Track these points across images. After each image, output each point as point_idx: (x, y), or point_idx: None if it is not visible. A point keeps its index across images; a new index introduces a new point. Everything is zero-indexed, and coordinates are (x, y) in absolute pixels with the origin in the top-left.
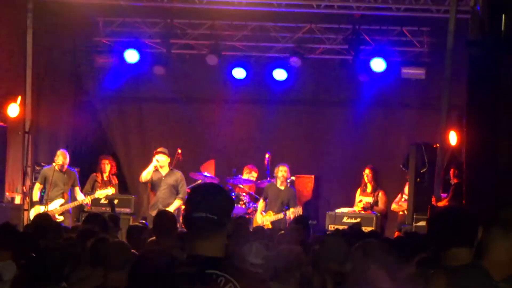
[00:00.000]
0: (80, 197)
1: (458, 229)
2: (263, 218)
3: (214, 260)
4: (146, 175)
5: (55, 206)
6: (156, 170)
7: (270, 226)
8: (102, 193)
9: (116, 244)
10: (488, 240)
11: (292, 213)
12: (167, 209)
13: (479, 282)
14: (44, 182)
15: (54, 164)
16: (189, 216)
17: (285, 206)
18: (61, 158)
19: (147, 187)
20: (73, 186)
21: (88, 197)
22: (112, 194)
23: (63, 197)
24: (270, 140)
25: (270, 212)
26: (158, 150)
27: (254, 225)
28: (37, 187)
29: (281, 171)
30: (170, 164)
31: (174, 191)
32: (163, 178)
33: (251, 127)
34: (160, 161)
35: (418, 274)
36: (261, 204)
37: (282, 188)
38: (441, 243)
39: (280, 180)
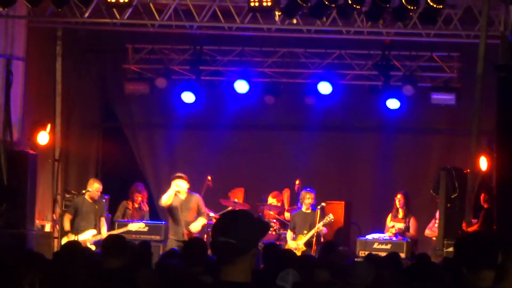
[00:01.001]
0: (104, 229)
1: (490, 252)
2: (296, 242)
3: (237, 286)
4: (167, 199)
5: (87, 236)
6: (175, 195)
7: (304, 248)
8: (134, 226)
9: (144, 272)
10: (508, 263)
11: (324, 224)
12: (195, 224)
13: None
14: (74, 213)
15: (85, 192)
16: (212, 240)
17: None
18: (95, 187)
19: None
20: (100, 216)
21: (120, 229)
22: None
23: (95, 228)
24: (300, 166)
25: (301, 236)
26: (178, 175)
27: None
28: (68, 217)
29: (308, 198)
30: (200, 190)
31: (196, 214)
32: (182, 202)
33: (281, 153)
34: (180, 186)
35: None
36: (289, 234)
37: (309, 211)
38: (472, 266)
39: (306, 206)
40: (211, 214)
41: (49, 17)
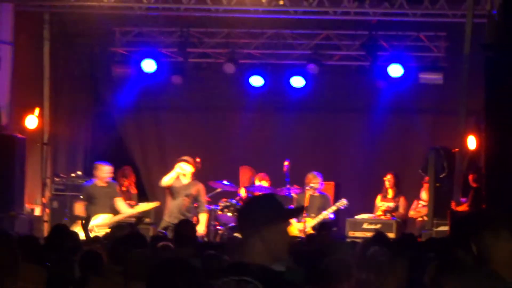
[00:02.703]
0: (125, 209)
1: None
2: (303, 224)
3: (245, 267)
4: (168, 180)
5: (99, 221)
6: (177, 178)
7: (311, 232)
8: (146, 206)
9: (137, 253)
10: (494, 243)
11: (337, 209)
12: (199, 227)
13: (493, 285)
14: (88, 199)
15: (96, 179)
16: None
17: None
18: (106, 170)
19: (165, 194)
20: (113, 197)
21: (132, 209)
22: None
23: (109, 212)
24: (288, 147)
25: (308, 218)
26: (184, 158)
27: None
28: (80, 205)
29: (315, 183)
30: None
31: (194, 201)
32: (183, 186)
33: (269, 135)
34: (184, 169)
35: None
36: None
37: (316, 195)
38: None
39: (312, 189)
40: None
41: (36, 1)
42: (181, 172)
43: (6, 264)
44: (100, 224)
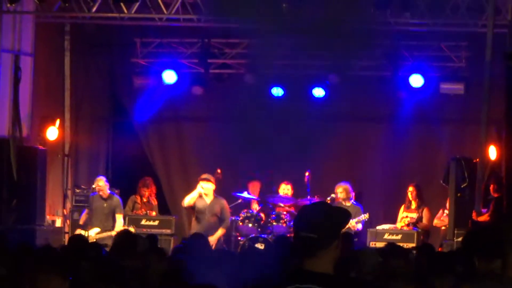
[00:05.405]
0: (119, 226)
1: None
2: None
3: (310, 274)
4: (189, 200)
5: (91, 234)
6: (200, 196)
7: None
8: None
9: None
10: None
11: (357, 221)
12: (211, 238)
13: None
14: (89, 209)
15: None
16: (294, 235)
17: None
18: (98, 184)
19: (189, 211)
20: (113, 213)
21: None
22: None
23: (99, 226)
24: (309, 157)
25: None
26: (203, 177)
27: None
28: (85, 213)
29: (341, 192)
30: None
31: (218, 219)
32: (207, 206)
33: (290, 145)
34: (205, 188)
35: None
36: None
37: (348, 204)
38: (485, 255)
39: (340, 199)
40: None
41: (56, 12)
42: (203, 192)
43: (27, 276)
44: (91, 237)
